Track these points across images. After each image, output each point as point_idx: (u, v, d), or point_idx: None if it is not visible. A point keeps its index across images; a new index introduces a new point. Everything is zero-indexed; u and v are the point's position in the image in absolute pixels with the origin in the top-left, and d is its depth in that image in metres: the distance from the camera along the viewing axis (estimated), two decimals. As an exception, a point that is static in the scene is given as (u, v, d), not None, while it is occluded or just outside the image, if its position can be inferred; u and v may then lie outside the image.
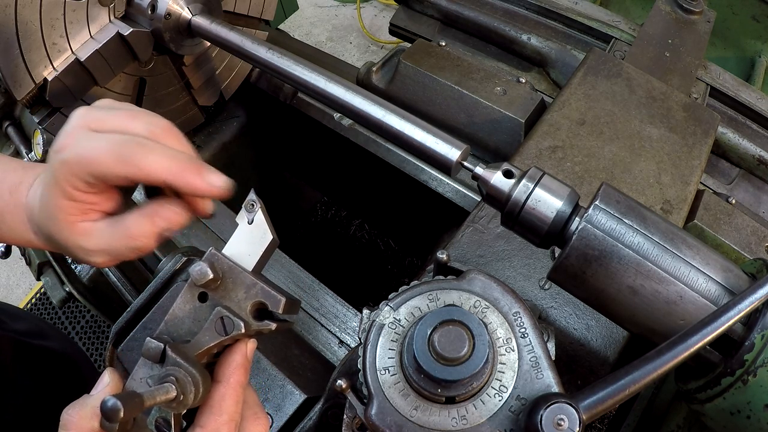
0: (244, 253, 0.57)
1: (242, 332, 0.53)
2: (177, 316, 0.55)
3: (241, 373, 0.55)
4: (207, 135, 1.49)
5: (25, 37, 0.86)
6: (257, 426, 0.57)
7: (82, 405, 0.51)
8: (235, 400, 0.54)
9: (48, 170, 0.59)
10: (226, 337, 0.53)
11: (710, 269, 0.58)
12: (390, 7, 3.64)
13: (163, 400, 0.48)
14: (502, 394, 0.53)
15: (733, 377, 0.55)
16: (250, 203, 0.59)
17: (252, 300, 0.55)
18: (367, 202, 1.80)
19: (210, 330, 0.53)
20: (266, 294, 0.55)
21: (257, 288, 0.55)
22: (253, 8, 1.26)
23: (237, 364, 0.55)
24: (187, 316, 0.55)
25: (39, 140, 1.35)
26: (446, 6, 1.51)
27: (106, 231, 0.60)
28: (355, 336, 0.96)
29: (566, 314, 0.84)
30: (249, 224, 0.58)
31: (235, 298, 0.55)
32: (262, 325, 0.55)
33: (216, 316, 0.53)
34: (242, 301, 0.55)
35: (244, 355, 0.55)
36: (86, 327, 2.32)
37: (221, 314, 0.53)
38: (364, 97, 0.83)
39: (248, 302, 0.55)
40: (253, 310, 0.55)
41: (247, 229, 0.58)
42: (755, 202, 1.30)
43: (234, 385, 0.54)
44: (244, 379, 0.55)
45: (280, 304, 0.55)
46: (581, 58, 1.27)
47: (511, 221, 0.64)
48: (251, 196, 0.59)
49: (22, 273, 2.66)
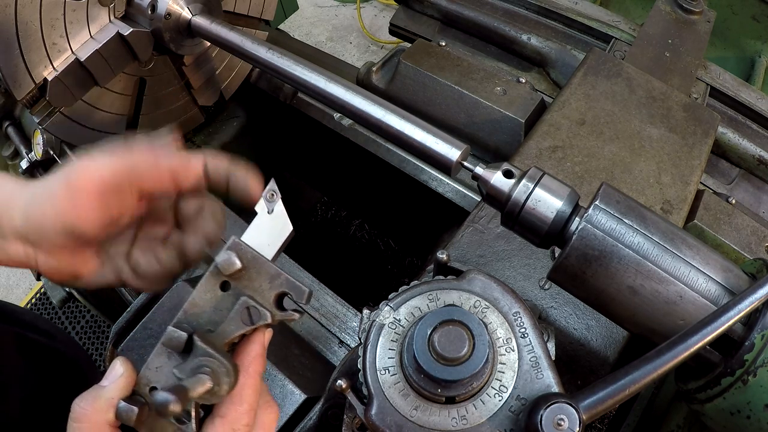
0: (264, 242, 0.57)
1: (268, 322, 0.53)
2: (198, 305, 0.54)
3: (259, 362, 0.54)
4: (207, 135, 1.49)
5: (25, 37, 0.86)
6: (269, 414, 0.57)
7: (95, 397, 0.50)
8: (255, 390, 0.53)
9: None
10: (251, 327, 0.53)
11: (710, 269, 0.58)
12: (390, 7, 3.64)
13: (201, 392, 0.47)
14: (502, 394, 0.53)
15: (733, 377, 0.55)
16: (270, 193, 0.58)
17: (276, 290, 0.54)
18: (367, 202, 1.80)
19: (236, 320, 0.53)
20: (291, 285, 0.54)
21: (282, 278, 0.54)
22: (253, 8, 1.26)
23: (256, 353, 0.54)
24: (208, 304, 0.54)
25: (39, 140, 1.35)
26: (446, 6, 1.51)
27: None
28: (355, 336, 0.96)
29: (566, 314, 0.84)
30: (269, 214, 0.58)
31: (258, 288, 0.54)
32: (286, 315, 0.55)
33: (242, 305, 0.53)
34: (266, 291, 0.54)
35: (263, 344, 0.55)
36: (86, 327, 2.32)
37: (247, 304, 0.53)
38: (364, 97, 0.83)
39: (272, 292, 0.54)
40: (275, 300, 0.55)
41: (267, 218, 0.58)
42: (755, 202, 1.30)
43: (253, 374, 0.54)
44: (262, 369, 0.55)
45: (304, 295, 0.54)
46: (581, 58, 1.27)
47: (511, 221, 0.64)
48: (272, 186, 0.58)
49: (22, 273, 2.66)
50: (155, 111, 1.18)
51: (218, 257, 0.53)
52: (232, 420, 0.51)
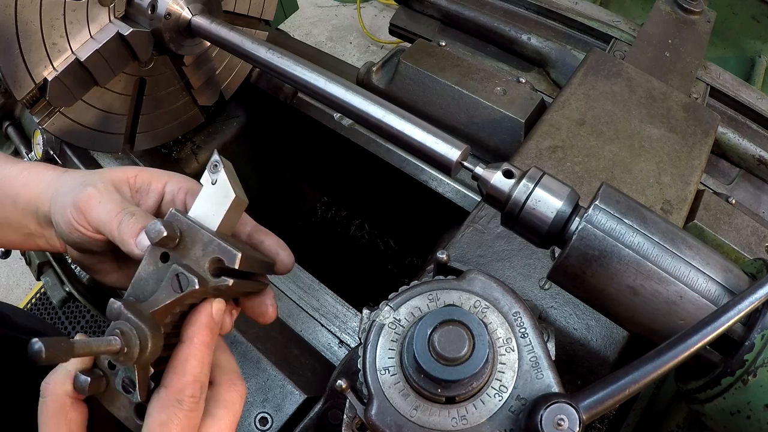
0: (209, 213, 0.57)
1: (197, 288, 0.52)
2: (141, 278, 0.55)
3: (205, 332, 0.54)
4: (207, 135, 1.49)
5: (25, 37, 0.86)
6: (232, 392, 0.56)
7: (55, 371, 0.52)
8: (200, 361, 0.53)
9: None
10: (182, 294, 0.53)
11: (710, 269, 0.58)
12: (390, 7, 3.64)
13: (104, 350, 0.48)
14: (502, 394, 0.53)
15: (733, 377, 0.55)
16: (213, 164, 0.58)
17: (209, 257, 0.54)
18: (367, 202, 1.80)
19: (167, 288, 0.53)
20: (222, 250, 0.54)
21: (214, 244, 0.55)
22: (253, 8, 1.26)
23: (201, 323, 0.54)
24: (150, 276, 0.55)
25: (39, 140, 1.35)
26: (446, 6, 1.51)
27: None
28: (355, 336, 0.96)
29: (566, 314, 0.84)
30: (212, 185, 0.58)
31: (193, 257, 0.55)
32: (219, 281, 0.55)
33: (172, 273, 0.53)
34: (200, 258, 0.55)
35: (209, 314, 0.55)
36: (86, 327, 2.32)
37: (177, 271, 0.53)
38: (364, 97, 0.83)
39: (206, 259, 0.55)
40: (212, 267, 0.55)
41: (211, 189, 0.58)
42: (755, 202, 1.30)
43: (198, 345, 0.53)
44: (209, 339, 0.54)
45: (236, 259, 0.54)
46: (581, 58, 1.27)
47: (511, 221, 0.64)
48: (215, 157, 0.59)
49: (22, 273, 2.66)
50: (155, 111, 1.18)
51: (147, 226, 0.54)
52: (176, 391, 0.51)
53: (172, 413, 0.50)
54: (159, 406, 0.51)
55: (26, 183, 0.67)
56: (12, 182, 0.67)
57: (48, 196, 0.65)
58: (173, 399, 0.51)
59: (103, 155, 1.28)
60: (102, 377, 0.53)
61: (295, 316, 0.98)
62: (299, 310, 0.98)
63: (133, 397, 0.52)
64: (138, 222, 0.58)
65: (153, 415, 0.51)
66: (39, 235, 0.68)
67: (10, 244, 0.70)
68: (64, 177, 0.67)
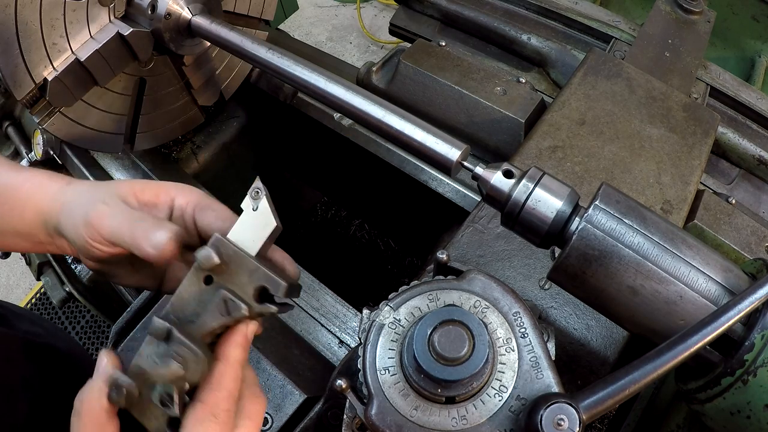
0: (249, 238, 0.59)
1: (245, 314, 0.55)
2: (183, 298, 0.57)
3: (240, 352, 0.57)
4: (207, 135, 1.49)
5: (25, 37, 0.86)
6: (255, 405, 0.59)
7: (89, 389, 0.54)
8: (234, 377, 0.56)
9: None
10: (229, 318, 0.55)
11: (710, 269, 0.58)
12: (390, 7, 3.64)
13: (168, 376, 0.51)
14: (502, 394, 0.53)
15: (733, 377, 0.55)
16: (255, 190, 0.61)
17: (255, 284, 0.57)
18: (367, 202, 1.80)
19: (214, 312, 0.56)
20: (268, 279, 0.57)
21: (260, 273, 0.57)
22: (253, 8, 1.26)
23: (237, 343, 0.57)
24: (192, 297, 0.57)
25: (39, 140, 1.35)
26: (446, 6, 1.51)
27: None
28: (355, 336, 0.96)
29: (566, 314, 0.84)
30: (254, 211, 0.60)
31: (238, 282, 0.57)
32: (263, 308, 0.57)
33: (220, 298, 0.56)
34: (246, 285, 0.57)
35: (245, 335, 0.57)
36: (86, 327, 2.32)
37: (225, 297, 0.56)
38: (364, 97, 0.83)
39: (251, 286, 0.57)
40: (256, 293, 0.57)
41: (251, 215, 0.60)
42: (755, 202, 1.30)
43: (233, 362, 0.56)
44: (243, 358, 0.57)
45: (280, 288, 0.57)
46: (581, 58, 1.27)
47: (511, 221, 0.64)
48: (257, 184, 0.61)
49: (22, 273, 2.66)
50: (155, 111, 1.18)
51: (198, 252, 0.56)
52: (212, 405, 0.54)
53: (208, 427, 0.53)
54: (195, 420, 0.53)
55: (31, 195, 0.68)
56: (17, 193, 0.68)
57: (56, 209, 0.66)
58: (209, 413, 0.53)
59: (103, 155, 1.28)
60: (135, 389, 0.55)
61: (295, 316, 0.98)
62: (299, 310, 0.98)
63: (171, 411, 0.54)
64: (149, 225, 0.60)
65: (188, 428, 0.53)
66: (49, 243, 0.69)
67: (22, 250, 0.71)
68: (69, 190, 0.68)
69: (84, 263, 0.69)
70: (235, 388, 0.56)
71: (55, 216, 0.66)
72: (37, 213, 0.67)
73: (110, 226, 0.62)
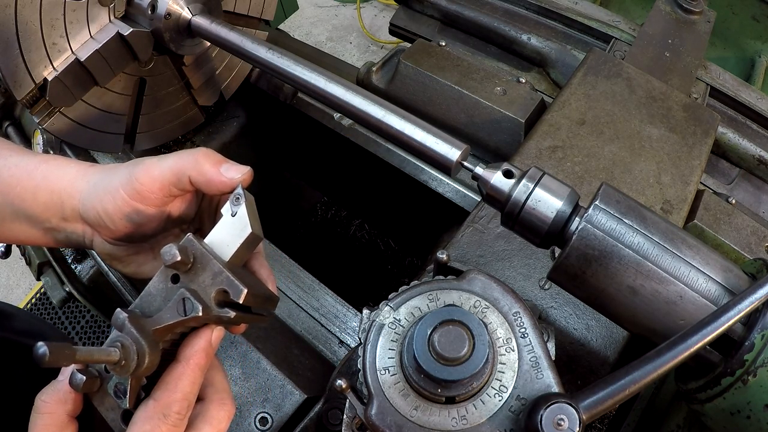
0: (223, 243, 0.60)
1: (199, 315, 0.55)
2: (150, 293, 0.58)
3: (201, 356, 0.56)
4: (207, 135, 1.49)
5: (25, 37, 0.86)
6: (221, 411, 0.59)
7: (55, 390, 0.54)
8: (192, 381, 0.56)
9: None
10: (184, 317, 0.55)
11: (710, 269, 0.58)
12: (390, 7, 3.64)
13: (104, 360, 0.50)
14: (502, 394, 0.53)
15: (733, 377, 0.55)
16: (235, 197, 0.61)
17: (217, 287, 0.57)
18: (367, 202, 1.80)
19: (172, 309, 0.55)
20: (230, 283, 0.57)
21: (223, 276, 0.57)
22: (253, 8, 1.26)
23: (198, 347, 0.57)
24: (158, 294, 0.58)
25: (39, 140, 1.35)
26: (446, 6, 1.51)
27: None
28: (355, 336, 0.96)
29: (566, 314, 0.84)
30: (232, 216, 0.60)
31: (202, 284, 0.57)
32: (222, 312, 0.57)
33: (179, 296, 0.55)
34: (208, 286, 0.57)
35: (208, 340, 0.57)
36: (86, 327, 2.32)
37: (183, 295, 0.55)
38: (364, 97, 0.83)
39: (213, 288, 0.57)
40: (218, 297, 0.57)
41: (229, 221, 0.61)
42: (755, 202, 1.30)
43: (192, 366, 0.56)
44: (203, 363, 0.57)
45: (241, 295, 0.56)
46: (581, 58, 1.27)
47: (511, 221, 0.64)
48: (238, 191, 0.62)
49: (22, 273, 2.66)
50: (155, 111, 1.18)
51: (162, 249, 0.56)
52: (163, 405, 0.54)
53: (156, 425, 0.53)
54: (145, 416, 0.53)
55: (46, 176, 0.67)
56: (31, 175, 0.67)
57: (77, 189, 0.66)
58: (159, 412, 0.53)
59: (103, 155, 1.28)
60: (97, 377, 0.55)
61: (295, 316, 0.98)
62: (299, 310, 0.98)
63: (123, 403, 0.54)
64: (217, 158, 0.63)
65: (138, 423, 0.53)
66: (60, 230, 0.68)
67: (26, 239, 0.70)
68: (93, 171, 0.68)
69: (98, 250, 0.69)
70: (192, 392, 0.55)
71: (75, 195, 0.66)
72: (53, 193, 0.66)
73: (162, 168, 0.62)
